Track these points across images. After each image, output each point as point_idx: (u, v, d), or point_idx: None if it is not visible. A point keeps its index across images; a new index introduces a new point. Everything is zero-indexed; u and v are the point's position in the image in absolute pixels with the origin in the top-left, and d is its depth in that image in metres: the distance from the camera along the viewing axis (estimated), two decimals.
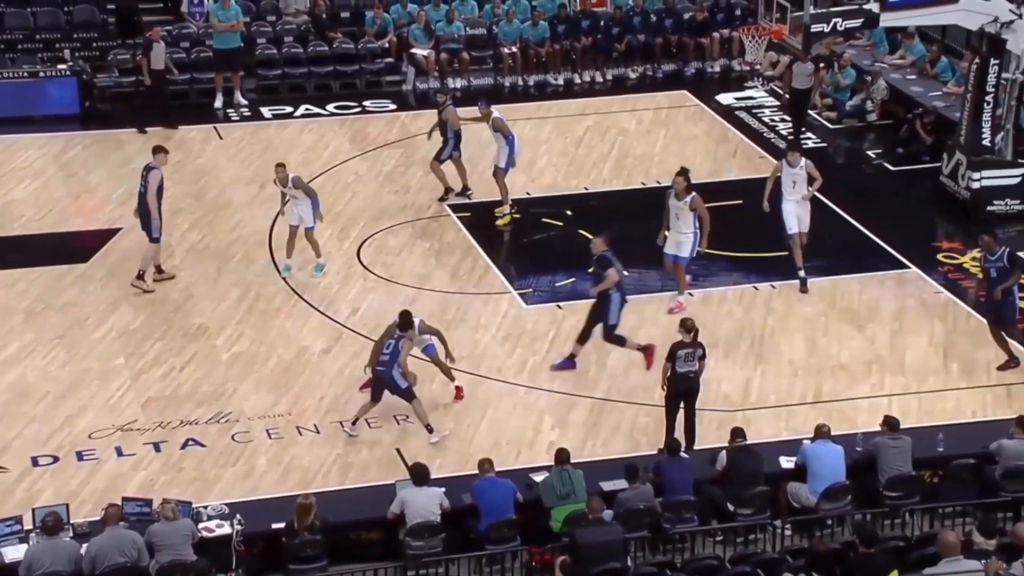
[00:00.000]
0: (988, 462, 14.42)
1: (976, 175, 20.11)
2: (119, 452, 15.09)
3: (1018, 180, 20.18)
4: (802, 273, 18.02)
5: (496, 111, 20.20)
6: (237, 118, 23.79)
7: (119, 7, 25.09)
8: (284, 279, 18.54)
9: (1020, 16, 19.49)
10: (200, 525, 13.49)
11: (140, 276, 18.29)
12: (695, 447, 14.86)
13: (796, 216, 17.90)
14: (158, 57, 22.82)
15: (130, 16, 24.64)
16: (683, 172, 17.63)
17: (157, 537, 13.02)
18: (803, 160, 17.89)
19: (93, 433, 15.39)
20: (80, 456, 15.00)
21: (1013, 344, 16.59)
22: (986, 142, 20.05)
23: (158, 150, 18.58)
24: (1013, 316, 16.50)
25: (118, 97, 23.82)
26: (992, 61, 19.67)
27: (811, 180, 18.04)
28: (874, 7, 19.45)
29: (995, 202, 20.14)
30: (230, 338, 17.28)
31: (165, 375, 16.50)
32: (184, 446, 15.23)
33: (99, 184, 21.39)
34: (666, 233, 17.61)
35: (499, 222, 20.01)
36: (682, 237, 17.50)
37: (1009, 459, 14.26)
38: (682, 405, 15.04)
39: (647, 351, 16.36)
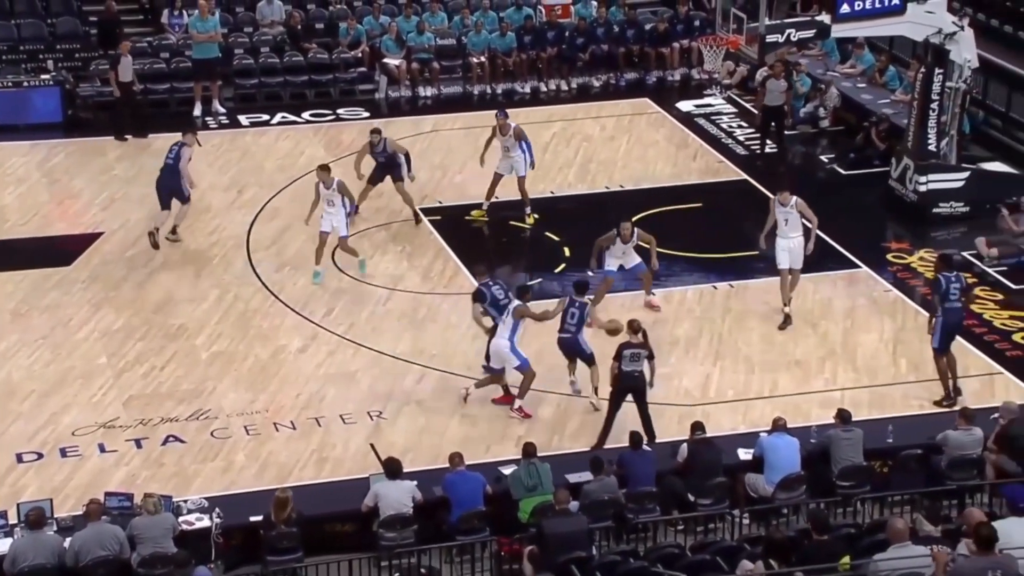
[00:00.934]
0: (935, 452, 14.67)
1: (923, 179, 20.45)
2: (102, 448, 15.23)
3: (962, 183, 20.51)
4: (787, 310, 17.67)
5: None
6: (215, 126, 23.96)
7: (100, 19, 25.25)
8: (262, 281, 18.85)
9: (962, 28, 19.84)
10: (180, 518, 13.60)
11: (174, 231, 19.61)
12: (657, 440, 15.06)
13: (787, 251, 17.46)
14: (126, 70, 23.00)
15: (111, 28, 24.75)
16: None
17: (139, 530, 13.12)
18: (793, 199, 17.44)
19: (76, 430, 15.52)
20: (64, 452, 15.14)
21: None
22: (932, 147, 20.37)
23: (187, 131, 19.72)
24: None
25: (99, 106, 23.96)
26: (937, 70, 19.99)
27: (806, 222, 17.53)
28: (826, 19, 19.77)
29: (941, 204, 20.49)
30: (209, 338, 17.45)
31: (146, 374, 16.66)
32: (165, 442, 15.36)
33: (82, 190, 21.54)
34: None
35: (528, 221, 20.04)
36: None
37: (954, 449, 14.55)
38: (635, 405, 15.17)
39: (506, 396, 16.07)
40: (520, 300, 16.05)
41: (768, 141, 22.90)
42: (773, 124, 22.83)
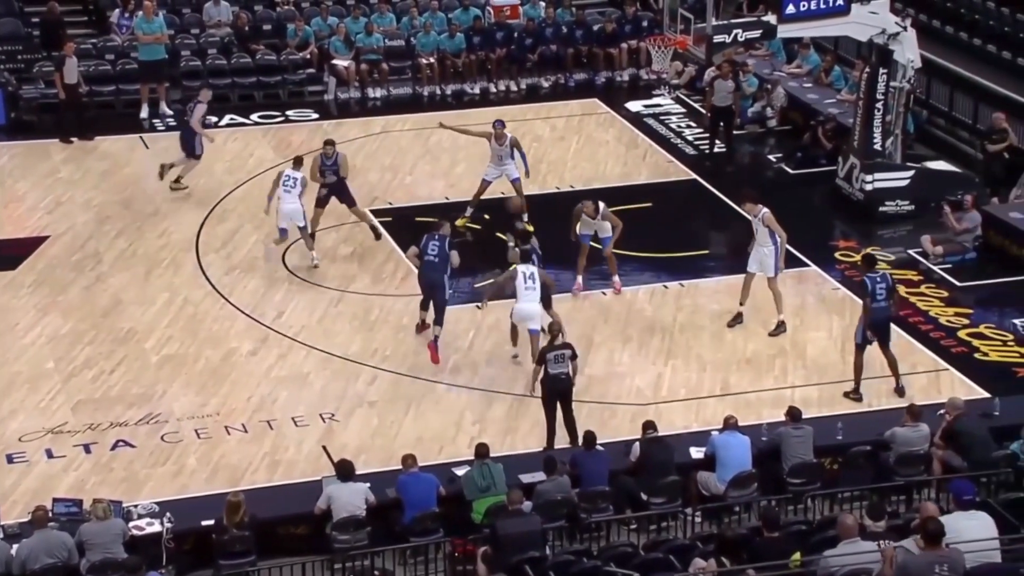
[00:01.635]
0: (883, 449, 14.81)
1: (869, 178, 20.64)
2: (49, 454, 15.12)
3: (907, 182, 20.71)
4: (741, 309, 17.84)
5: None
6: (163, 128, 23.80)
7: (43, 20, 25.03)
8: (212, 284, 18.75)
9: (905, 29, 20.02)
10: (131, 524, 13.53)
11: (178, 180, 20.90)
12: (606, 440, 14.97)
13: (757, 260, 17.56)
14: (71, 71, 22.82)
15: (54, 29, 24.58)
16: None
17: (88, 536, 13.03)
18: (760, 210, 17.44)
19: (23, 436, 15.41)
20: (10, 459, 15.03)
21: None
22: (877, 146, 20.54)
23: (203, 86, 21.00)
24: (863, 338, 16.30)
25: (43, 108, 23.76)
26: (881, 70, 20.17)
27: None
28: (772, 19, 19.88)
29: (887, 203, 20.67)
30: (159, 341, 17.37)
31: (95, 378, 16.56)
32: (114, 447, 15.27)
33: (26, 193, 21.39)
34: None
35: (529, 227, 19.83)
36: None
37: (901, 446, 14.69)
38: (560, 407, 15.20)
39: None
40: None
41: (717, 141, 23.03)
42: (722, 124, 22.95)
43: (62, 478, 14.79)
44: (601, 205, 18.24)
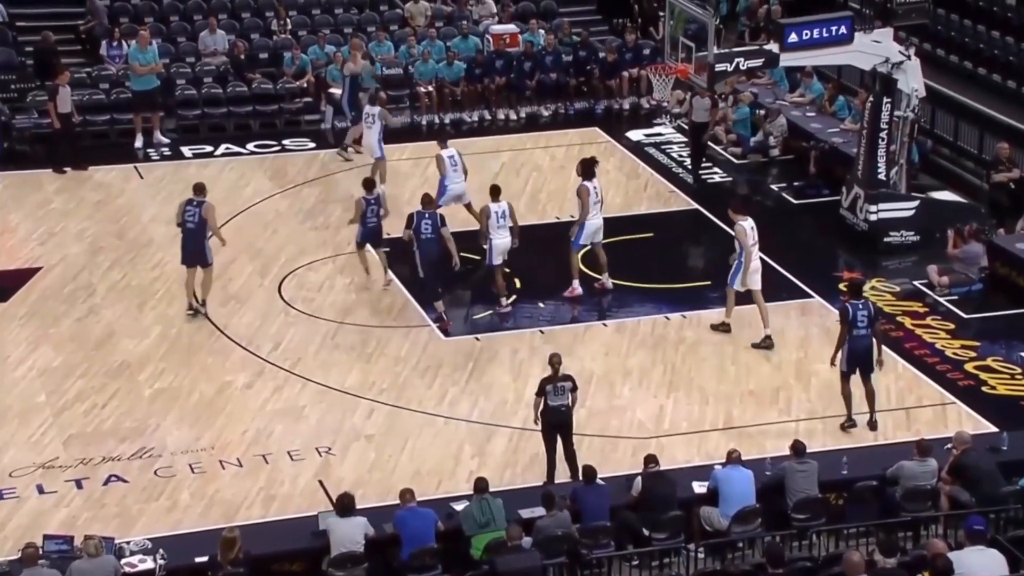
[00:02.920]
0: (890, 483, 14.66)
1: (873, 208, 20.54)
2: (40, 490, 15.00)
3: (912, 212, 20.60)
4: (767, 331, 17.99)
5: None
6: (158, 157, 23.75)
7: (37, 49, 25.00)
8: (207, 316, 18.58)
9: (909, 57, 19.99)
10: (123, 561, 13.38)
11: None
12: (606, 475, 14.85)
13: (736, 274, 17.90)
14: (64, 101, 22.76)
15: (48, 58, 24.50)
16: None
17: (79, 574, 12.88)
18: (736, 225, 17.80)
19: (14, 471, 15.29)
20: (0, 495, 14.90)
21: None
22: (882, 176, 20.46)
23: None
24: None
25: (37, 138, 23.71)
26: (885, 99, 20.10)
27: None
28: (774, 48, 19.80)
29: (891, 233, 20.57)
30: (152, 374, 17.27)
31: (87, 412, 16.45)
32: (107, 482, 15.15)
33: (19, 224, 21.29)
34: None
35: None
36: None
37: (908, 480, 14.54)
38: (560, 441, 15.11)
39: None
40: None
41: (700, 157, 23.29)
42: (699, 139, 23.30)
43: (53, 514, 14.67)
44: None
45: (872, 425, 16.29)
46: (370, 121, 22.09)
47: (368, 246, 19.41)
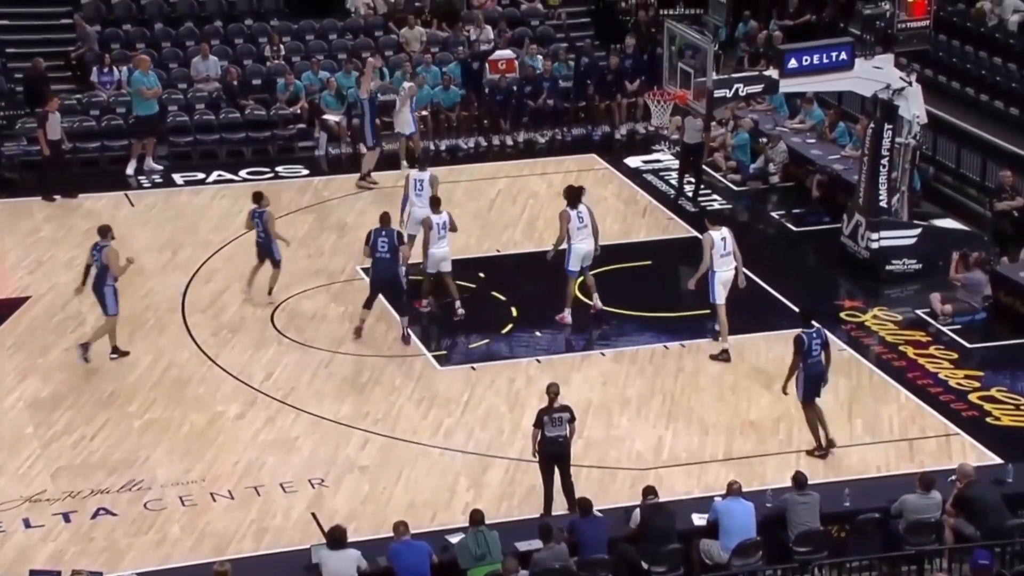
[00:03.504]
0: (893, 516, 14.52)
1: (875, 235, 20.41)
2: (27, 524, 14.84)
3: (914, 240, 20.49)
4: (727, 346, 18.22)
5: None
6: (149, 185, 23.63)
7: (27, 76, 24.88)
8: (198, 345, 18.47)
9: (910, 84, 19.91)
10: None
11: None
12: (601, 507, 14.68)
13: (713, 287, 18.28)
14: (54, 128, 22.64)
15: (38, 85, 24.38)
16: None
17: None
18: (704, 234, 18.25)
19: (0, 505, 15.10)
20: None
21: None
22: (883, 204, 20.35)
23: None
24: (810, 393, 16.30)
25: (26, 166, 23.56)
26: (886, 126, 20.00)
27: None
28: (773, 74, 19.72)
29: (893, 261, 20.43)
30: (142, 405, 17.12)
31: (76, 443, 16.29)
32: (95, 515, 15.00)
33: (8, 253, 21.15)
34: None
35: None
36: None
37: (912, 513, 14.39)
38: (558, 472, 14.96)
39: None
40: None
41: (687, 177, 23.26)
42: (692, 160, 23.25)
43: (40, 548, 14.51)
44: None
45: (831, 443, 16.21)
46: (403, 96, 23.36)
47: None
